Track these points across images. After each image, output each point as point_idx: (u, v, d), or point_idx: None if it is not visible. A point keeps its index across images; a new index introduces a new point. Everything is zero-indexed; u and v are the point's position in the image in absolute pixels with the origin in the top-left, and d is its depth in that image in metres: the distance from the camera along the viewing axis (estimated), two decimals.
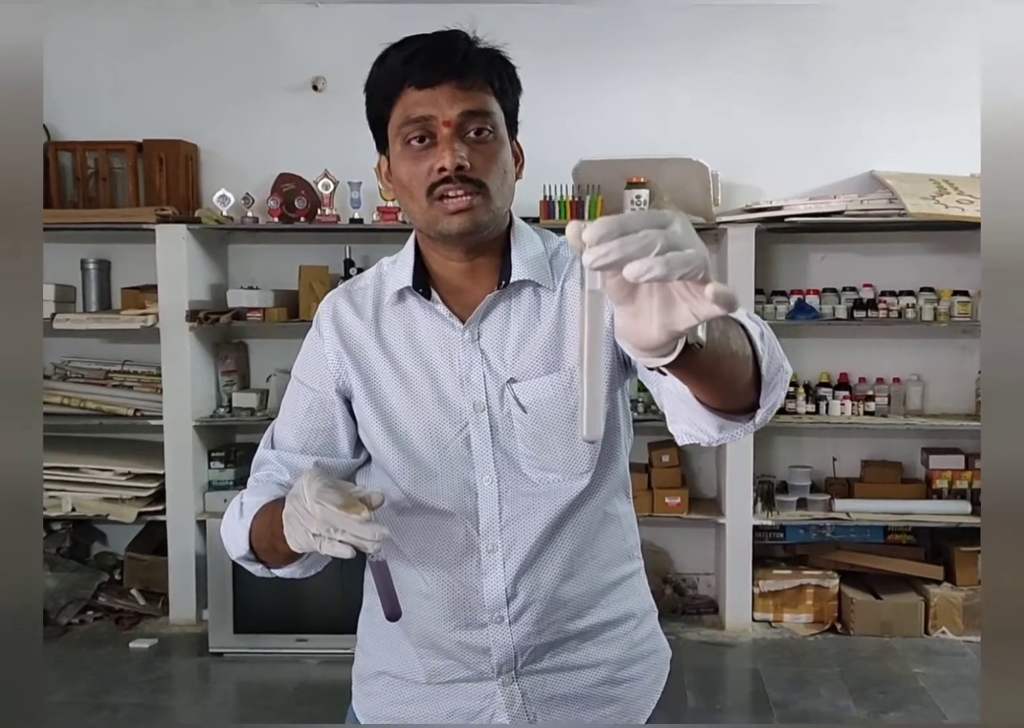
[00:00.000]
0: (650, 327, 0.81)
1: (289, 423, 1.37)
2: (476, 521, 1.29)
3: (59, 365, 4.33)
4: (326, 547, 1.10)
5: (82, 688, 3.52)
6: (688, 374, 0.96)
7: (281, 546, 1.19)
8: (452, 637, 1.31)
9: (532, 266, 1.29)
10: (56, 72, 4.21)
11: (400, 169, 1.24)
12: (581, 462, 1.29)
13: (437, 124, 1.20)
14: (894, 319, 4.05)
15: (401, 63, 1.21)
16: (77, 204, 4.17)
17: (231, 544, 1.32)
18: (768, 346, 1.05)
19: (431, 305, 1.30)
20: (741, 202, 4.13)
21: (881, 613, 3.99)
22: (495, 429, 1.28)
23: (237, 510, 1.32)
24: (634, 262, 0.75)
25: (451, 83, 1.20)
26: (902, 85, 4.15)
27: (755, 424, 1.10)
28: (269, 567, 1.31)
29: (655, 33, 4.20)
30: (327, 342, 1.34)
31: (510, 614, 1.30)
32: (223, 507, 4.88)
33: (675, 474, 4.10)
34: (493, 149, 1.23)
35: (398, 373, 1.31)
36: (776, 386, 1.07)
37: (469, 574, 1.30)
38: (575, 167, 3.96)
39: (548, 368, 1.27)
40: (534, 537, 1.29)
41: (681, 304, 0.79)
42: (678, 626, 4.08)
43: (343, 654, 3.55)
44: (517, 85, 1.28)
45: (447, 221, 1.22)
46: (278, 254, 4.29)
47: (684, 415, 1.11)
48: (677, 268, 0.75)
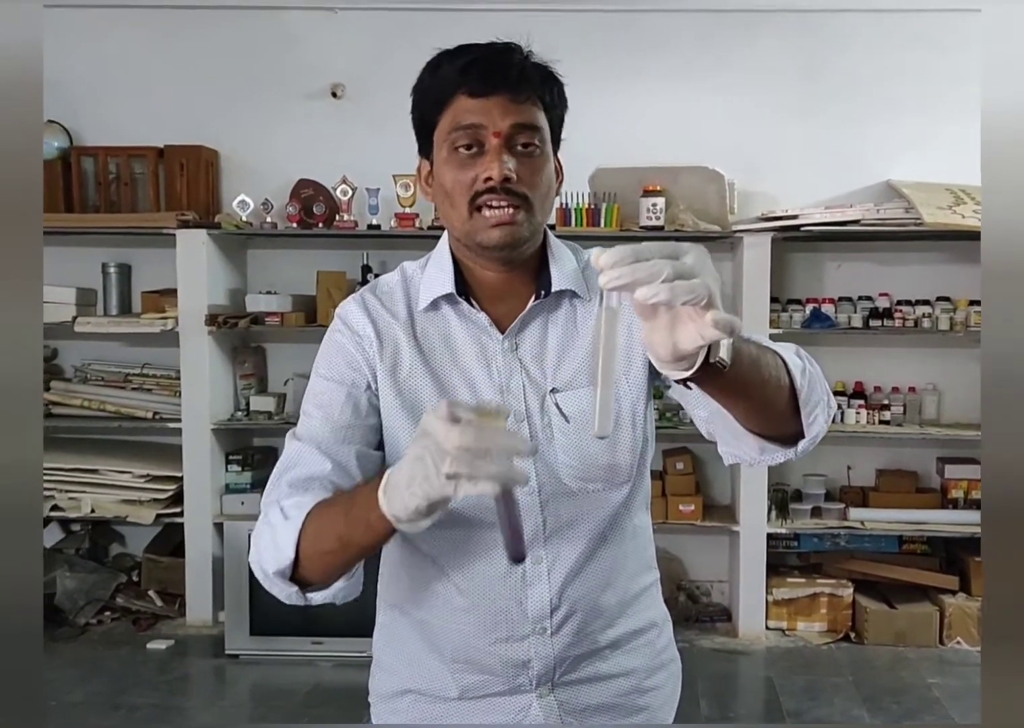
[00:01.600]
0: (664, 343, 0.93)
1: (322, 420, 1.27)
2: None
3: (79, 368, 4.37)
4: (465, 487, 0.95)
5: (99, 688, 3.55)
6: (715, 391, 1.06)
7: (360, 538, 1.08)
8: (491, 651, 1.29)
9: (571, 278, 1.30)
10: (78, 78, 4.28)
11: (444, 175, 1.24)
12: (621, 472, 1.29)
13: (487, 133, 1.20)
14: (910, 328, 4.04)
15: (457, 71, 1.21)
16: (99, 209, 4.21)
17: (269, 554, 1.16)
18: (809, 381, 1.14)
19: (470, 313, 1.29)
20: (757, 210, 4.13)
21: (895, 623, 3.98)
22: (535, 439, 1.27)
23: (277, 515, 1.17)
24: (643, 287, 0.87)
25: (504, 95, 1.20)
26: (919, 93, 4.15)
27: (797, 453, 1.19)
28: (307, 591, 1.17)
29: (671, 41, 4.21)
30: (362, 336, 1.29)
31: (553, 625, 1.29)
32: (240, 509, 4.89)
33: (689, 481, 4.11)
34: (539, 163, 1.23)
35: (435, 379, 1.28)
36: (817, 418, 1.15)
37: (513, 586, 1.28)
38: (592, 175, 3.98)
39: (591, 379, 1.25)
40: (580, 547, 1.29)
41: (689, 325, 0.91)
42: (692, 634, 4.08)
43: (357, 657, 3.59)
44: (564, 102, 1.29)
45: (487, 234, 1.22)
46: (296, 259, 4.33)
47: (728, 439, 1.19)
48: (681, 295, 0.87)
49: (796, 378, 1.12)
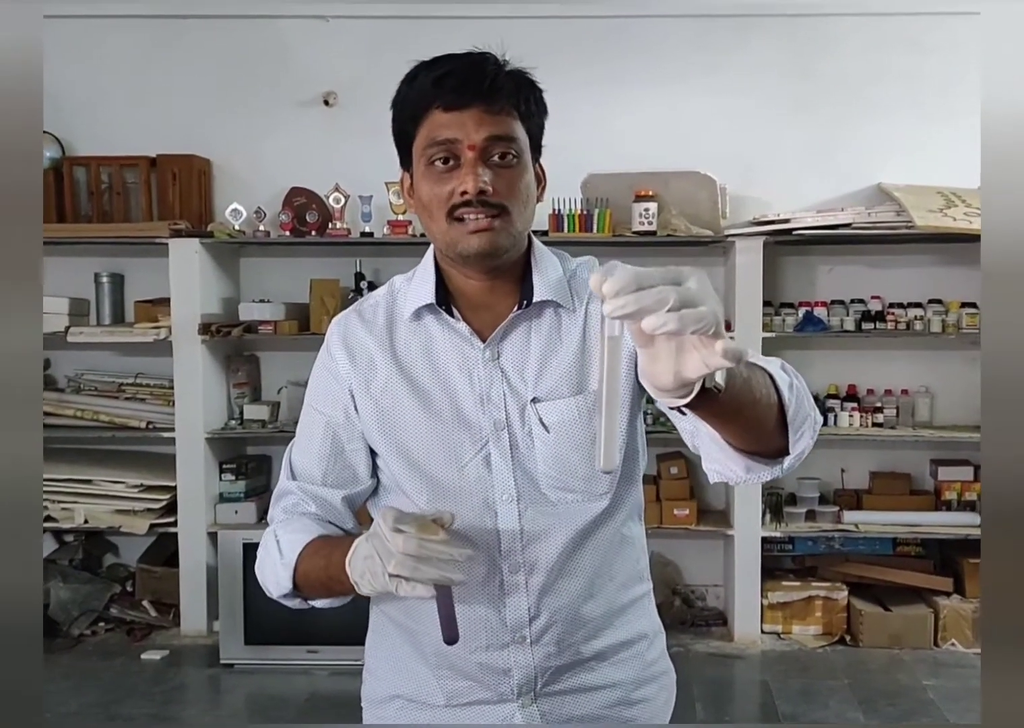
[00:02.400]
0: (665, 372, 0.91)
1: (307, 450, 1.36)
2: (497, 541, 1.28)
3: (72, 378, 4.36)
4: (404, 589, 1.09)
5: (93, 699, 3.53)
6: (709, 415, 1.03)
7: (339, 588, 1.21)
8: (472, 659, 1.30)
9: (554, 287, 1.31)
10: (70, 88, 4.28)
11: (422, 188, 1.25)
12: (601, 483, 1.29)
13: (462, 147, 1.21)
14: (902, 331, 4.05)
15: (431, 84, 1.22)
16: (91, 218, 4.21)
17: (271, 584, 1.29)
18: (796, 397, 1.12)
19: (451, 323, 1.30)
20: (749, 214, 4.15)
21: (890, 625, 3.98)
22: (515, 448, 1.28)
23: (275, 548, 1.29)
24: (650, 316, 0.83)
25: (478, 107, 1.21)
26: (910, 96, 4.16)
27: (783, 469, 1.17)
28: (309, 600, 1.30)
29: (663, 45, 4.22)
30: (338, 362, 1.33)
31: (532, 634, 1.29)
32: (234, 519, 4.87)
33: (684, 486, 4.12)
34: (516, 174, 1.24)
35: (415, 390, 1.30)
36: (803, 435, 1.13)
37: (491, 594, 1.29)
38: (583, 180, 3.99)
39: (573, 389, 1.28)
40: (555, 556, 1.29)
41: (693, 353, 0.88)
42: (687, 638, 4.08)
43: (353, 665, 3.56)
44: (543, 108, 1.29)
45: (466, 241, 1.23)
46: (289, 267, 4.33)
47: (714, 454, 1.16)
48: (690, 324, 0.83)
49: (784, 394, 1.11)
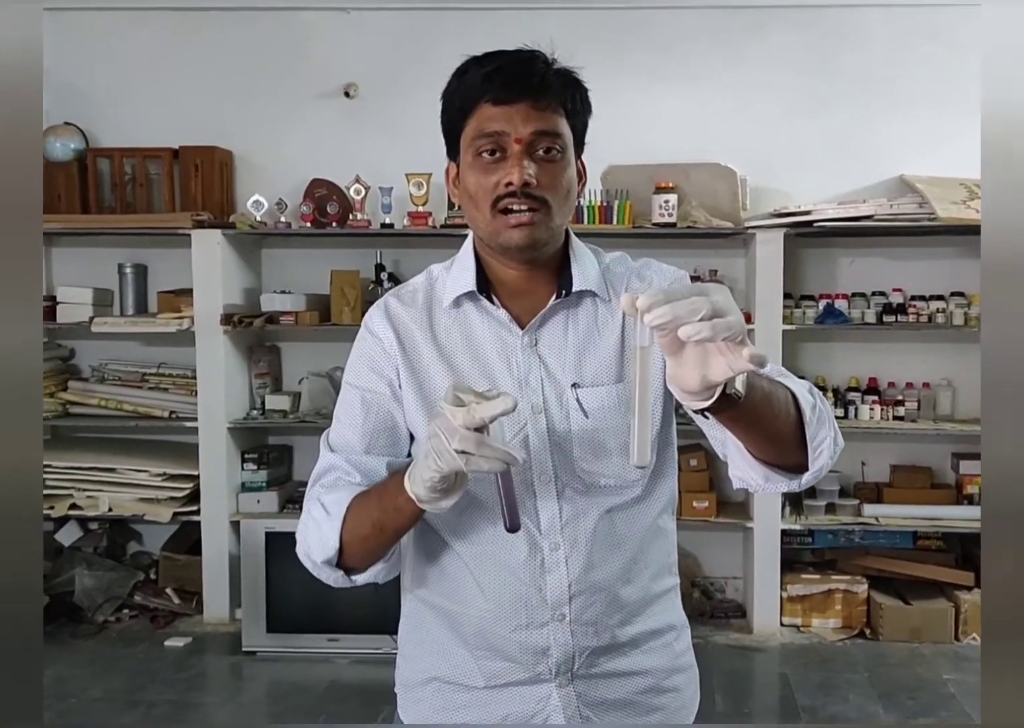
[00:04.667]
0: (693, 376, 1.01)
1: (349, 427, 1.36)
2: (537, 520, 1.31)
3: (96, 368, 4.41)
4: (474, 463, 1.09)
5: (117, 685, 3.58)
6: (729, 421, 1.13)
7: (393, 522, 1.22)
8: (512, 637, 1.32)
9: (592, 279, 1.35)
10: (93, 80, 4.32)
11: (469, 179, 1.29)
12: (634, 470, 1.32)
13: (509, 140, 1.26)
14: (924, 324, 4.03)
15: (481, 78, 1.26)
16: (115, 210, 4.25)
17: (316, 546, 1.28)
18: (818, 417, 1.21)
19: (490, 310, 1.34)
20: (770, 206, 4.13)
21: (911, 619, 3.97)
22: (552, 432, 1.31)
23: (319, 510, 1.29)
24: (686, 326, 0.94)
25: (527, 102, 1.26)
26: (932, 88, 4.14)
27: (800, 484, 1.26)
28: (351, 574, 1.30)
29: (683, 37, 4.21)
30: (383, 340, 1.36)
31: (572, 612, 1.31)
32: (256, 508, 4.92)
33: (703, 478, 4.12)
34: (559, 168, 1.29)
35: (455, 374, 1.33)
36: (822, 453, 1.22)
37: (533, 572, 1.31)
38: (604, 172, 3.98)
39: (613, 378, 1.32)
40: (593, 536, 1.31)
41: (719, 358, 0.99)
42: (706, 630, 4.09)
43: (374, 654, 3.62)
44: (588, 107, 1.34)
45: (508, 234, 1.27)
46: (310, 258, 4.35)
47: (738, 462, 1.26)
48: (722, 332, 0.95)
49: (805, 413, 1.19)
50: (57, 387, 4.27)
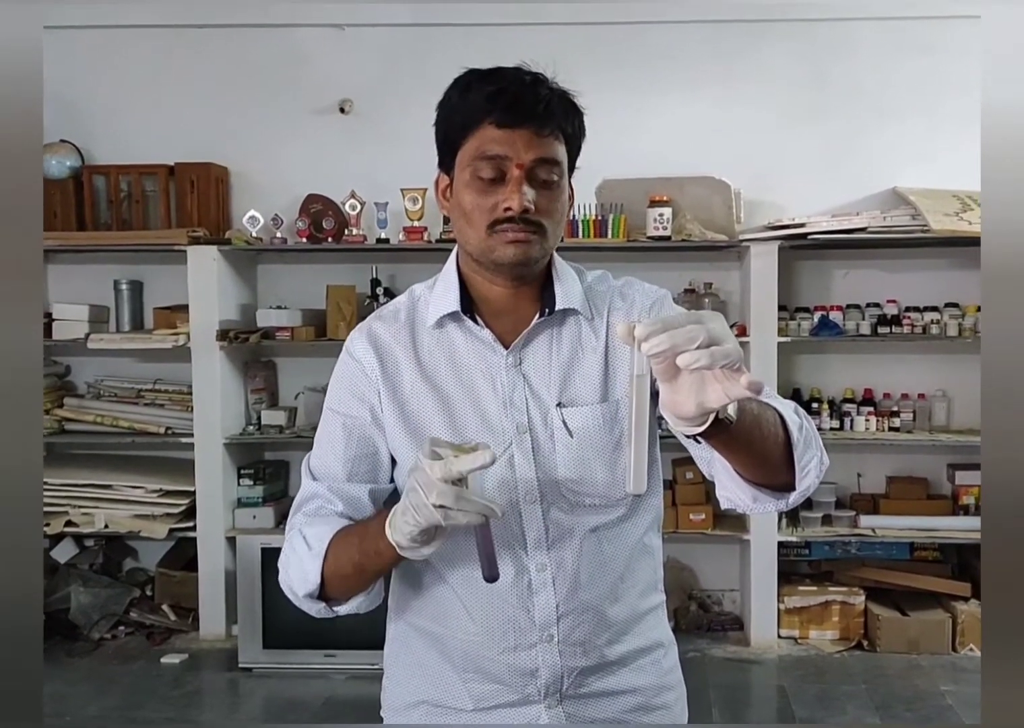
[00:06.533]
0: (688, 402, 1.02)
1: (330, 453, 1.35)
2: (523, 540, 1.30)
3: (92, 384, 4.40)
4: (452, 517, 1.09)
5: (113, 702, 3.56)
6: (720, 444, 1.14)
7: (373, 565, 1.22)
8: (500, 660, 1.32)
9: (575, 297, 1.35)
10: (89, 96, 4.33)
11: (464, 197, 1.29)
12: (619, 489, 1.32)
13: (510, 165, 1.25)
14: (918, 335, 4.04)
15: (485, 98, 1.25)
16: (110, 226, 4.25)
17: (298, 580, 1.28)
18: (805, 438, 1.22)
19: (474, 330, 1.33)
20: (764, 219, 4.15)
21: (908, 630, 3.97)
22: (537, 451, 1.31)
23: (301, 543, 1.29)
24: (684, 354, 0.95)
25: (530, 128, 1.25)
26: (925, 100, 4.16)
27: (787, 504, 1.27)
28: (332, 605, 1.30)
29: (677, 51, 4.23)
30: (364, 364, 1.35)
31: (560, 633, 1.31)
32: (252, 523, 4.89)
33: (699, 490, 4.11)
34: (556, 194, 1.29)
35: (438, 396, 1.32)
36: (809, 473, 1.23)
37: (520, 594, 1.30)
38: (598, 186, 4.00)
39: (597, 397, 1.32)
40: (579, 556, 1.31)
41: (715, 385, 1.00)
42: (703, 643, 4.08)
43: (371, 670, 3.60)
44: (583, 132, 1.35)
45: (503, 250, 1.27)
46: (306, 274, 4.35)
47: (726, 482, 1.26)
48: (719, 359, 0.96)
49: (793, 434, 1.20)
50: (53, 404, 4.27)
